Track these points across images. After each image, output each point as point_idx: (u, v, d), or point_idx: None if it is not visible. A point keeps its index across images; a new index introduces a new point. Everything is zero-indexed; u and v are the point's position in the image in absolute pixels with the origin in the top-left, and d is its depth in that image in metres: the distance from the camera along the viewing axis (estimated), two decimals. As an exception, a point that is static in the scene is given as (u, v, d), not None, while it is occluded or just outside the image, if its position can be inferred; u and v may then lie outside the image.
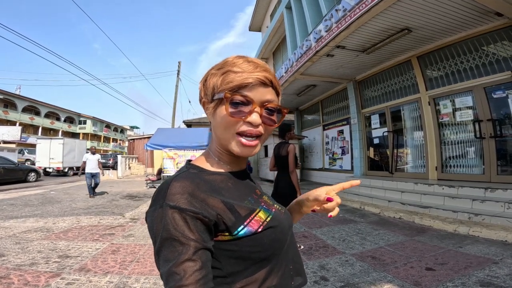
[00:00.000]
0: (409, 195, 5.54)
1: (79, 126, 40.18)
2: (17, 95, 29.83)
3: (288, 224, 0.66)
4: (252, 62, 0.58)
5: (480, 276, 2.49)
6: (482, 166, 5.20)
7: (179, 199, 0.49)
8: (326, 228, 4.44)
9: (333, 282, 2.51)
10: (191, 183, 0.53)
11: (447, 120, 5.89)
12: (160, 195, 0.52)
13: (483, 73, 5.17)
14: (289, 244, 0.64)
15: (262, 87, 0.57)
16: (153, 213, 0.51)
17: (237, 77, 0.55)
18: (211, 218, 0.51)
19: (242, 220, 0.55)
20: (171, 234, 0.47)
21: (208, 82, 0.59)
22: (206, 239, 0.50)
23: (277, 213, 0.64)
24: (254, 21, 18.76)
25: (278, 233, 0.59)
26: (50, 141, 14.92)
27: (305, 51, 6.93)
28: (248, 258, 0.55)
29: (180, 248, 0.47)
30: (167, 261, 0.47)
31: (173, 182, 0.53)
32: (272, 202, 0.69)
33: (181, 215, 0.48)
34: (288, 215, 0.70)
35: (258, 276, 0.56)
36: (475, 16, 4.71)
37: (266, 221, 0.58)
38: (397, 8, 4.62)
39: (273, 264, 0.59)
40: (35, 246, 3.51)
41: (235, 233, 0.53)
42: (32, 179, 13.01)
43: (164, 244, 0.48)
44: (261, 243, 0.56)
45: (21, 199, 7.64)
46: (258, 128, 0.57)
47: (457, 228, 3.91)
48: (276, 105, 0.59)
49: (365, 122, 8.25)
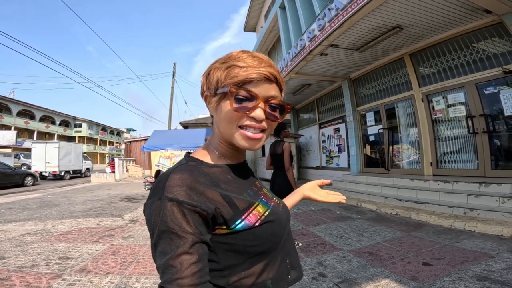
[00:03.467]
0: (405, 191, 5.61)
1: (75, 129, 39.96)
2: (11, 99, 29.58)
3: (286, 218, 0.67)
4: (257, 57, 0.58)
5: (477, 270, 2.53)
6: (476, 161, 5.28)
7: (177, 192, 0.50)
8: (323, 225, 4.49)
9: (331, 278, 2.56)
10: (190, 175, 0.53)
11: (440, 116, 5.97)
12: (159, 187, 0.52)
13: (474, 69, 5.24)
14: (286, 238, 0.65)
15: (266, 83, 0.56)
16: (151, 205, 0.51)
17: (242, 72, 0.55)
18: (209, 212, 0.51)
19: (240, 214, 0.55)
20: (169, 227, 0.48)
21: (212, 76, 0.59)
22: (203, 232, 0.50)
23: (276, 206, 0.65)
24: (248, 21, 18.77)
25: (275, 228, 0.60)
26: (46, 145, 14.81)
27: (300, 51, 6.98)
28: (245, 251, 0.55)
29: (177, 241, 0.47)
30: (164, 254, 0.47)
31: (172, 175, 0.53)
32: (271, 195, 0.70)
33: (179, 208, 0.48)
34: (286, 209, 0.71)
35: (255, 269, 0.57)
36: (465, 13, 4.78)
37: (264, 215, 0.58)
38: (388, 6, 4.68)
39: (270, 257, 0.59)
40: (35, 249, 3.52)
41: (233, 226, 0.53)
42: (29, 183, 12.96)
43: (162, 236, 0.48)
44: (258, 237, 0.56)
45: (19, 203, 7.61)
46: (261, 123, 0.57)
47: (453, 223, 3.97)
48: (280, 101, 0.59)
49: (361, 120, 8.32)
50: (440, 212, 4.48)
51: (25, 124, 30.78)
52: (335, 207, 5.88)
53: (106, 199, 8.26)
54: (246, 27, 19.41)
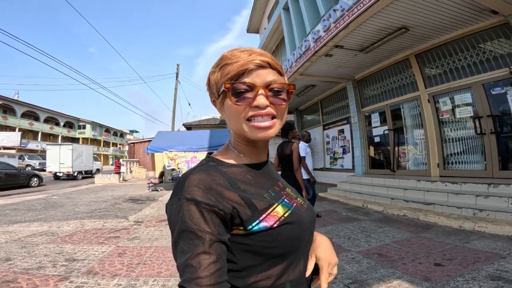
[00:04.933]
0: (412, 192, 5.56)
1: (79, 131, 40.16)
2: (16, 101, 29.82)
3: (309, 220, 0.64)
4: (246, 50, 0.58)
5: (490, 270, 2.50)
6: (483, 162, 5.22)
7: (195, 192, 0.50)
8: (330, 226, 4.46)
9: (341, 280, 2.52)
10: (208, 175, 0.54)
11: (447, 117, 5.92)
12: (179, 187, 0.53)
13: (481, 70, 5.20)
14: (308, 241, 0.62)
15: (261, 69, 0.56)
16: (171, 206, 0.52)
17: (233, 67, 0.55)
18: (227, 211, 0.51)
19: (258, 215, 0.54)
20: (188, 226, 0.48)
21: (211, 81, 0.60)
22: (221, 232, 0.50)
23: (298, 207, 0.62)
24: (251, 23, 18.81)
25: (295, 230, 0.57)
26: (60, 147, 15.45)
27: (304, 52, 6.96)
28: (263, 253, 0.54)
29: (196, 241, 0.48)
30: (183, 253, 0.48)
31: (190, 175, 0.53)
32: (295, 195, 0.67)
33: (198, 207, 0.49)
34: (311, 210, 0.68)
35: (273, 271, 0.55)
36: (471, 14, 4.75)
37: (284, 216, 0.57)
38: (394, 7, 4.66)
39: (290, 260, 0.57)
40: (41, 250, 3.51)
41: (250, 227, 0.53)
42: (34, 184, 13.09)
43: (181, 236, 0.49)
44: (277, 238, 0.54)
45: (23, 204, 7.63)
46: (266, 110, 0.55)
47: (463, 224, 3.93)
48: (281, 83, 0.58)
49: (365, 121, 8.28)
50: (449, 213, 4.43)
51: (29, 126, 30.99)
52: (341, 209, 5.84)
53: (110, 200, 8.27)
54: (249, 28, 19.46)
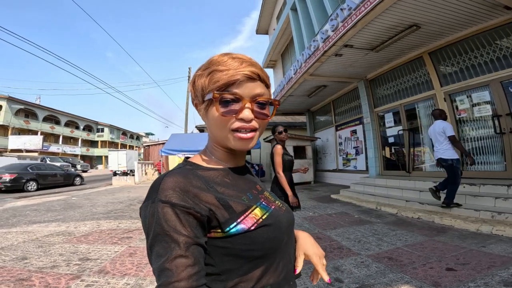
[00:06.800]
0: (428, 195, 5.34)
1: (97, 134, 41.46)
2: (38, 105, 31.12)
3: (288, 221, 0.64)
4: (237, 58, 0.57)
5: (504, 275, 2.39)
6: (503, 163, 4.99)
7: (171, 194, 0.49)
8: (340, 229, 4.38)
9: (347, 284, 2.47)
10: (184, 178, 0.53)
11: (464, 116, 5.69)
12: (153, 190, 0.52)
13: (498, 67, 4.98)
14: (287, 243, 0.62)
15: (250, 82, 0.56)
16: (145, 209, 0.51)
17: (223, 75, 0.55)
18: (204, 214, 0.50)
19: (235, 217, 0.54)
20: (163, 229, 0.47)
21: (197, 84, 0.59)
22: (198, 235, 0.49)
23: (276, 210, 0.62)
24: (260, 24, 18.86)
25: (273, 232, 0.57)
26: (118, 152, 19.69)
27: (313, 52, 6.90)
28: (241, 256, 0.54)
29: (172, 244, 0.47)
30: (159, 257, 0.47)
31: (165, 178, 0.52)
32: (273, 198, 0.67)
33: (173, 210, 0.48)
34: (290, 213, 0.68)
35: (253, 274, 0.55)
36: (483, 10, 4.58)
37: (261, 218, 0.56)
38: (402, 5, 4.53)
39: (269, 263, 0.57)
40: (57, 249, 3.65)
41: (227, 230, 0.52)
42: (77, 182, 15.38)
43: (156, 239, 0.48)
44: (254, 241, 0.54)
45: (44, 204, 7.96)
46: (251, 123, 0.56)
47: (480, 227, 3.77)
48: (267, 98, 0.58)
49: (379, 121, 8.09)
50: (466, 216, 4.26)
51: (51, 129, 32.28)
52: (353, 211, 5.73)
53: (126, 201, 8.48)
54: (258, 29, 19.51)
